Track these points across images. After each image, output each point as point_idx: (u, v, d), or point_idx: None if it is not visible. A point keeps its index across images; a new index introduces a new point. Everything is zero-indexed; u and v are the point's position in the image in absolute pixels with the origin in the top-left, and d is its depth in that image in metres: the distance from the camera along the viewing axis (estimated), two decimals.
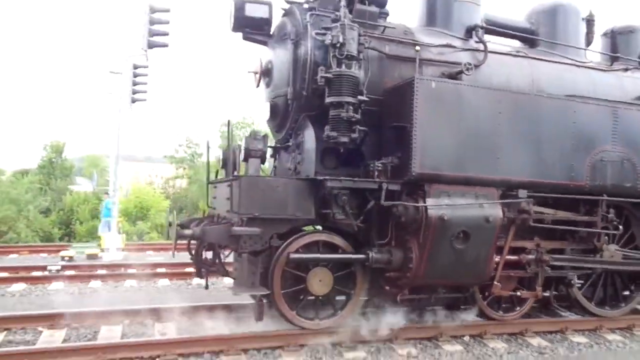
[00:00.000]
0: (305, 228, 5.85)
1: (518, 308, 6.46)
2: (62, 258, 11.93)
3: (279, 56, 6.12)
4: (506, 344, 5.95)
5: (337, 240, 5.63)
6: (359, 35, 5.49)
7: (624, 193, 6.29)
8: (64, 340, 5.76)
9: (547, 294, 6.59)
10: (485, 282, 5.87)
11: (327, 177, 5.18)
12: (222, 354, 5.21)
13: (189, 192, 24.74)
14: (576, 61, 7.22)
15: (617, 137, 6.22)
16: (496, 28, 6.96)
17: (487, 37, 6.78)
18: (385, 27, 6.08)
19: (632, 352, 6.02)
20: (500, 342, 6.01)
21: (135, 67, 15.39)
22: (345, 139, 5.40)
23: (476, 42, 6.60)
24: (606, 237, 6.49)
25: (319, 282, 5.52)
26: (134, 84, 15.50)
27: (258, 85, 6.40)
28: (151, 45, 13.04)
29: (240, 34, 6.30)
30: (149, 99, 16.34)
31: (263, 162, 5.45)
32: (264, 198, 5.18)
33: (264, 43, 6.38)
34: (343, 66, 5.39)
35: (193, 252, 6.19)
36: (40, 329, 6.18)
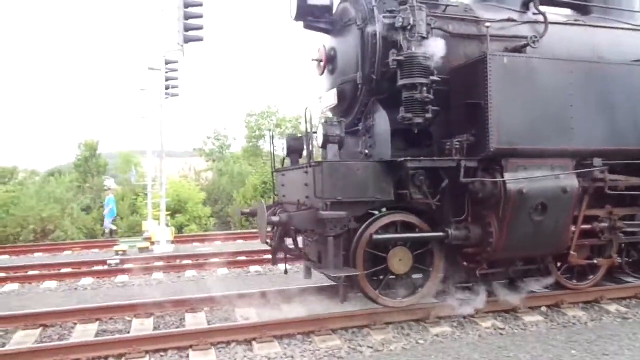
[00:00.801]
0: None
1: (591, 276, 6.52)
2: (117, 253, 12.30)
3: (343, 43, 6.18)
4: (585, 312, 6.03)
5: (414, 219, 5.73)
6: (427, 16, 5.53)
7: None
8: (155, 328, 6.03)
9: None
10: (562, 252, 5.93)
11: (408, 158, 5.27)
12: (312, 334, 5.41)
13: (219, 184, 25.01)
14: (633, 25, 7.14)
15: None
16: None
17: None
18: (447, 5, 6.09)
19: None
20: (579, 310, 6.10)
21: (167, 63, 15.66)
22: (420, 120, 5.47)
23: (534, 13, 6.56)
24: None
25: (399, 262, 5.63)
26: (167, 79, 15.81)
27: (322, 73, 6.48)
28: (187, 40, 13.18)
29: (301, 23, 6.37)
30: (180, 93, 16.64)
31: (341, 147, 5.55)
32: (346, 182, 5.30)
33: (326, 31, 6.43)
34: (413, 48, 5.45)
35: (270, 239, 6.36)
36: (127, 318, 6.48)
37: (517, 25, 6.39)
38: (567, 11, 7.45)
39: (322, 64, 6.38)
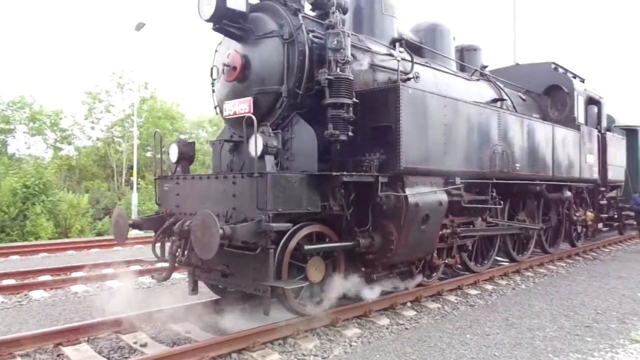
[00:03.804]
0: None
1: (434, 274, 7.95)
2: None
3: (260, 53, 6.12)
4: (439, 304, 7.31)
5: (327, 230, 6.08)
6: None
7: (504, 177, 8.33)
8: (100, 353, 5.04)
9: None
10: (432, 254, 7.13)
11: (344, 173, 5.62)
12: (246, 350, 5.24)
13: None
14: (454, 72, 9.03)
15: (500, 134, 8.18)
16: (409, 40, 8.19)
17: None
18: (349, 34, 6.65)
19: (518, 293, 8.14)
20: (434, 303, 7.35)
21: None
22: (344, 137, 5.90)
23: (400, 52, 7.70)
24: (488, 211, 8.48)
25: (315, 270, 5.90)
26: None
27: (234, 80, 6.24)
28: None
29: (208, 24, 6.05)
30: None
31: (276, 158, 5.51)
32: (285, 194, 5.32)
33: (236, 37, 6.24)
34: (338, 69, 5.85)
35: (173, 252, 5.80)
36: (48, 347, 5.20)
37: (392, 59, 7.41)
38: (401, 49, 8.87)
39: (236, 70, 6.14)
